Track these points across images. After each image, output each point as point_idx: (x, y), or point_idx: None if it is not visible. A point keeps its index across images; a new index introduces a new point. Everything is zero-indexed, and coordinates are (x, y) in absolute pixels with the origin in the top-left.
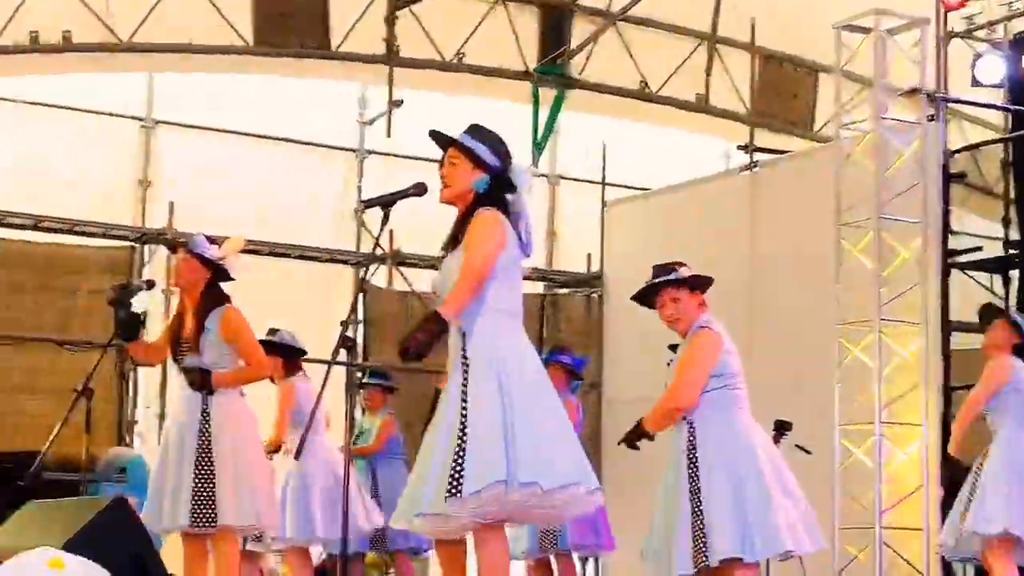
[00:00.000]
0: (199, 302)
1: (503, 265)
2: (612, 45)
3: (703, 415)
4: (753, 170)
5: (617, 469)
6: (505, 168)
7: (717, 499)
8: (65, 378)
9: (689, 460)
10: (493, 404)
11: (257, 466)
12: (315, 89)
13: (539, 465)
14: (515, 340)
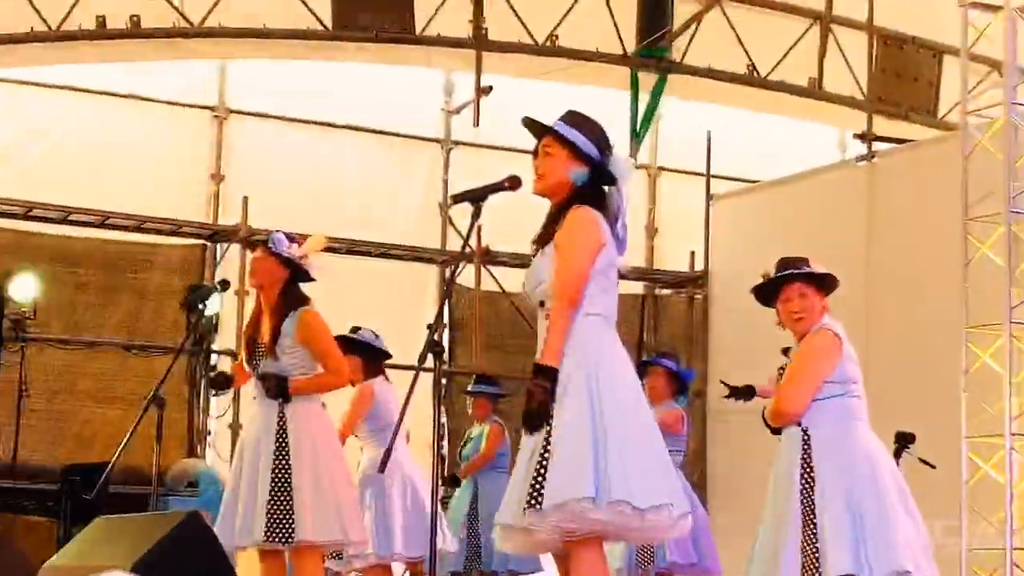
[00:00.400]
0: (276, 304)
1: (599, 268)
2: (717, 26)
3: (819, 424)
4: (871, 160)
5: (723, 483)
6: (605, 159)
7: (833, 513)
8: (133, 385)
9: (803, 472)
10: (583, 417)
11: (340, 478)
12: (397, 76)
13: (629, 483)
14: (609, 348)
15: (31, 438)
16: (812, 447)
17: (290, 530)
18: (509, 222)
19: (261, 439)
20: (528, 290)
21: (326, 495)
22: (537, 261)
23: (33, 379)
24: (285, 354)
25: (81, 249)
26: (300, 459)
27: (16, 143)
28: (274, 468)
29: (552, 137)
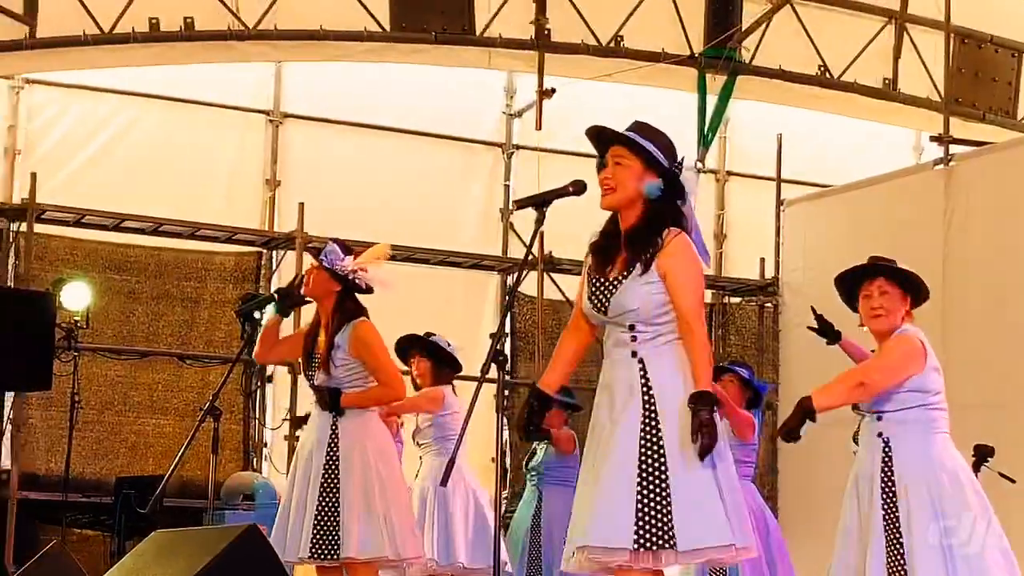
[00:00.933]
0: (331, 316)
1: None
2: (788, 25)
3: (900, 435)
4: (948, 164)
5: (795, 495)
6: (676, 172)
7: (919, 529)
8: (188, 396)
9: (884, 485)
10: (694, 456)
11: (392, 493)
12: (457, 78)
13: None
14: (671, 370)
15: (84, 451)
16: (894, 459)
17: (335, 547)
18: (572, 229)
19: (314, 451)
20: (612, 315)
21: (376, 511)
22: (633, 287)
23: (86, 390)
24: (339, 367)
25: (134, 257)
26: (350, 473)
27: (68, 148)
28: (323, 483)
29: (625, 146)
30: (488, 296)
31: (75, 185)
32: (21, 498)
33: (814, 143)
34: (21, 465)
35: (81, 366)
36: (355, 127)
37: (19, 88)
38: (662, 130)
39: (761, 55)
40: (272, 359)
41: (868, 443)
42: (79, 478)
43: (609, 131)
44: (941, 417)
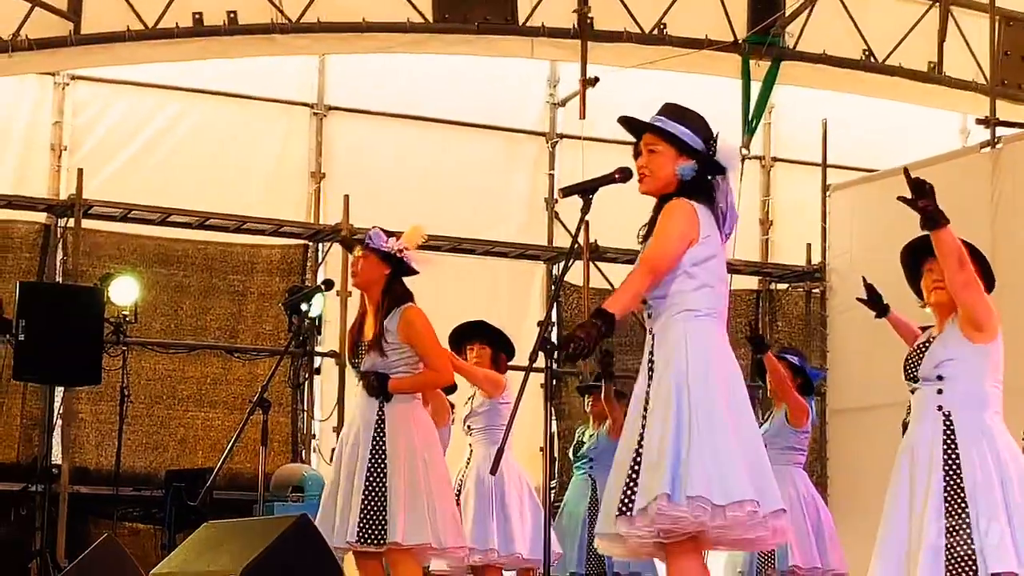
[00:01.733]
0: (380, 301)
1: (693, 261)
2: (831, 10)
3: (962, 408)
4: (995, 147)
5: (844, 482)
6: (711, 150)
7: (987, 505)
8: (236, 388)
9: (948, 458)
10: (667, 420)
11: (436, 481)
12: (500, 68)
13: (709, 479)
14: (705, 345)
15: (133, 445)
16: (956, 432)
17: (382, 532)
18: (618, 217)
19: (360, 437)
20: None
21: (420, 498)
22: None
23: (134, 384)
24: (389, 351)
25: (181, 251)
26: (396, 460)
27: (114, 144)
28: (369, 468)
29: (655, 134)
30: (534, 286)
31: (121, 180)
32: (72, 493)
33: (859, 128)
34: (72, 460)
35: (130, 360)
36: (399, 118)
37: (64, 84)
38: (693, 110)
39: (805, 40)
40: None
41: (926, 415)
42: (129, 472)
43: (637, 121)
44: (999, 397)
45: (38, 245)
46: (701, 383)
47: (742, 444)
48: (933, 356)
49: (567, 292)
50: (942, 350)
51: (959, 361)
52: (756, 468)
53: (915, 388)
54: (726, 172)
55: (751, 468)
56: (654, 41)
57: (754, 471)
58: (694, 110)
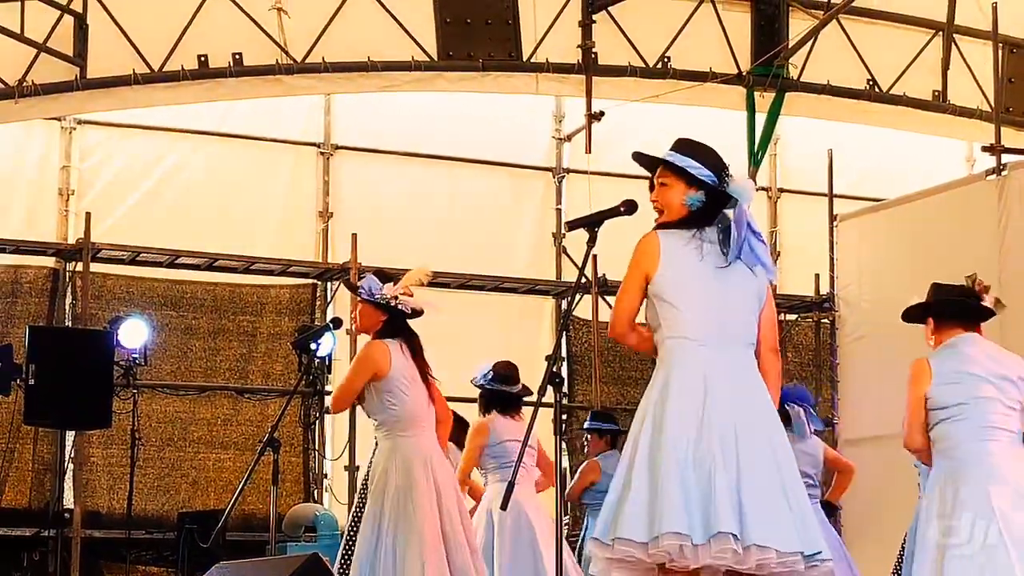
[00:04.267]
0: None
1: (656, 289)
2: (835, 40)
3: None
4: (1001, 174)
5: (856, 514)
6: (722, 182)
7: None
8: (246, 429)
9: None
10: (627, 447)
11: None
12: (506, 104)
13: (635, 518)
14: (668, 370)
15: (145, 487)
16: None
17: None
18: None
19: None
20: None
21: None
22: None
23: (145, 427)
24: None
25: (190, 293)
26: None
27: (121, 187)
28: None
29: (666, 168)
30: (543, 321)
31: (129, 224)
32: (85, 537)
33: (865, 158)
34: (84, 504)
35: (140, 403)
36: (405, 156)
37: (71, 129)
38: (705, 144)
39: (809, 71)
40: None
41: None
42: (141, 515)
43: (648, 156)
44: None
45: (47, 290)
46: (655, 410)
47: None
48: None
49: (576, 326)
50: None
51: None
52: (694, 495)
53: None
54: (739, 203)
55: (690, 496)
56: (658, 75)
57: (697, 498)
58: (706, 144)
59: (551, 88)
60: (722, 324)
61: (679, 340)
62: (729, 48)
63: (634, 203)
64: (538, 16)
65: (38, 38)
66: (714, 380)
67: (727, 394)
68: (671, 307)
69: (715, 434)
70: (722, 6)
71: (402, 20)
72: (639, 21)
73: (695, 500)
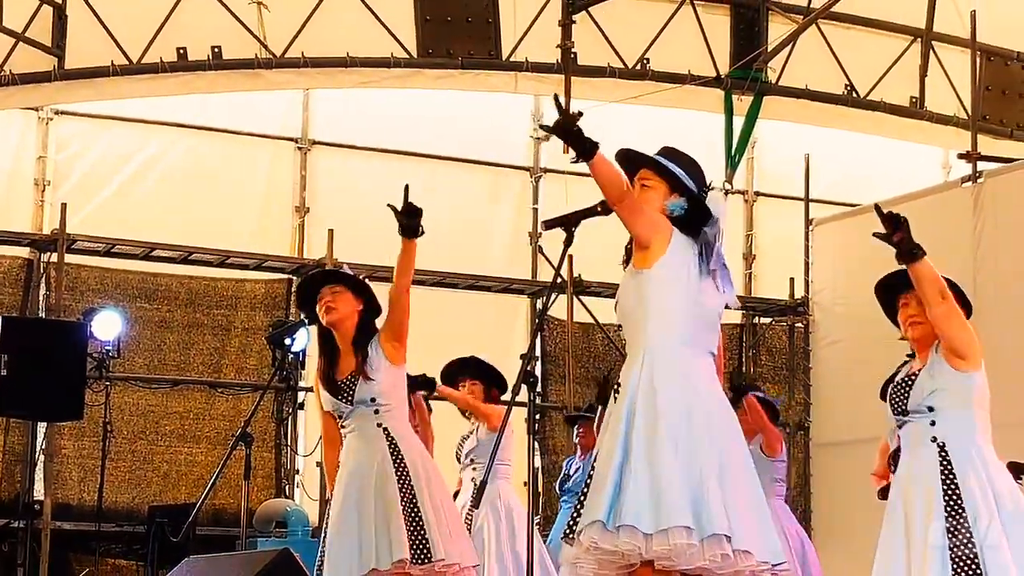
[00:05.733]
0: (355, 337)
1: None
2: (813, 45)
3: (956, 438)
4: (976, 181)
5: (828, 518)
6: (702, 193)
7: (992, 540)
8: (219, 424)
9: (947, 489)
10: (616, 439)
11: (448, 504)
12: (484, 103)
13: (638, 507)
14: (662, 369)
15: (116, 480)
16: (953, 462)
17: (428, 551)
18: (601, 250)
19: (377, 466)
20: (620, 315)
21: (443, 520)
22: (624, 282)
23: (117, 419)
24: (381, 376)
25: (164, 285)
26: (419, 484)
27: (97, 178)
28: (401, 491)
29: (651, 169)
30: (518, 320)
31: (105, 215)
32: (55, 529)
33: (842, 162)
34: (54, 495)
35: (113, 395)
36: (383, 153)
37: (48, 119)
38: (690, 155)
39: (787, 75)
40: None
41: (919, 451)
42: (112, 507)
43: (637, 154)
44: (989, 427)
45: (21, 280)
46: (649, 408)
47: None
48: (922, 388)
49: (551, 326)
50: (930, 381)
51: (947, 391)
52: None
53: (904, 422)
54: (714, 219)
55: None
56: (637, 76)
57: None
58: (690, 156)
59: (530, 87)
60: (699, 331)
61: (665, 337)
62: (708, 51)
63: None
64: (518, 15)
65: (17, 28)
66: (696, 382)
67: (707, 398)
68: (666, 300)
69: (703, 436)
70: (701, 9)
71: (382, 17)
72: (618, 22)
73: (691, 499)
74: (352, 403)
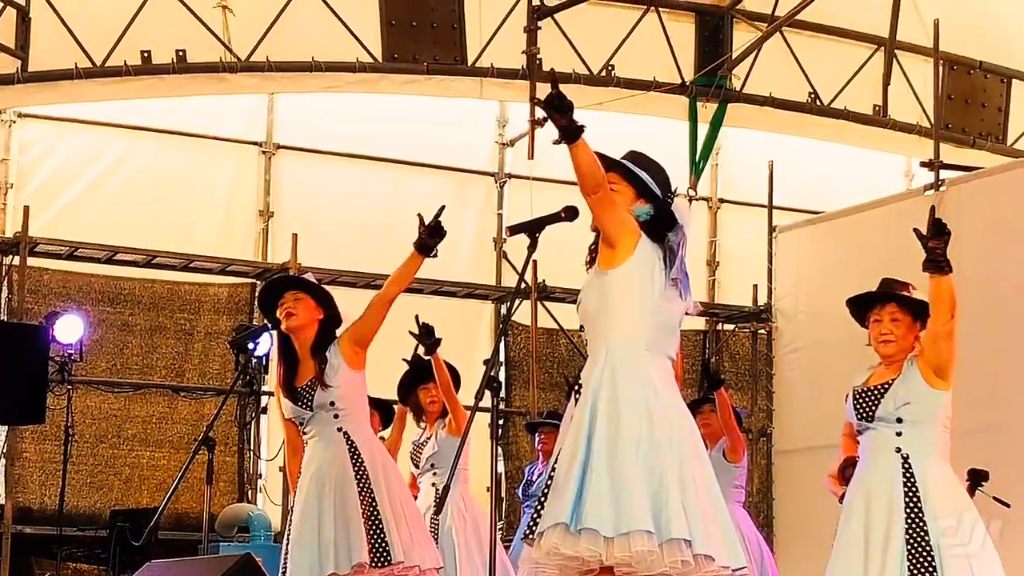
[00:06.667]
0: (314, 345)
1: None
2: (778, 53)
3: (920, 454)
4: (939, 189)
5: (790, 525)
6: (667, 200)
7: (955, 554)
8: (182, 428)
9: (909, 502)
10: (579, 441)
11: (410, 507)
12: (450, 108)
13: (600, 511)
14: (625, 374)
15: (78, 484)
16: (916, 475)
17: (387, 554)
18: (565, 256)
19: (338, 469)
20: (582, 316)
21: (403, 523)
22: (588, 281)
23: (79, 423)
24: (340, 382)
25: (127, 289)
26: (379, 488)
27: (60, 181)
28: (361, 497)
29: (618, 173)
30: (482, 325)
31: (68, 218)
32: (15, 533)
33: (805, 170)
34: (15, 499)
35: (75, 399)
36: (348, 158)
37: (11, 122)
38: (656, 161)
39: (751, 83)
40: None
41: (882, 462)
42: (73, 512)
43: (603, 156)
44: (948, 441)
45: None
46: (611, 410)
47: (652, 474)
48: (895, 398)
49: (515, 331)
50: (904, 393)
51: (919, 405)
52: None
53: (868, 427)
54: (679, 226)
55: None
56: (602, 83)
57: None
58: (656, 161)
59: (495, 93)
60: (660, 335)
61: (628, 339)
62: (673, 58)
63: (575, 209)
64: (483, 21)
65: None
66: (658, 386)
67: (668, 402)
68: (630, 302)
69: (664, 439)
70: (666, 16)
71: (347, 21)
72: (584, 29)
73: (652, 503)
74: (312, 409)
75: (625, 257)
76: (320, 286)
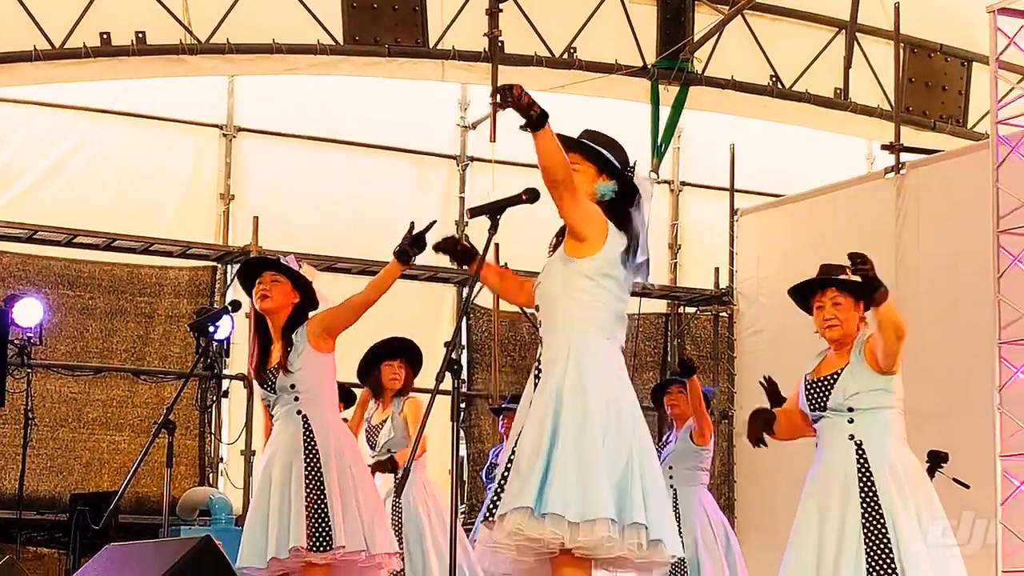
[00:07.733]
0: (286, 326)
1: (593, 269)
2: (739, 36)
3: (872, 437)
4: (899, 172)
5: (751, 507)
6: (628, 175)
7: (907, 534)
8: (143, 411)
9: (864, 485)
10: (544, 425)
11: (368, 492)
12: (411, 91)
13: (566, 497)
14: (590, 361)
15: (38, 468)
16: (869, 460)
17: (328, 539)
18: (527, 238)
19: (291, 454)
20: (538, 298)
21: (353, 508)
22: (550, 263)
23: (39, 407)
24: (304, 365)
25: (87, 272)
26: (330, 472)
27: (19, 164)
28: (307, 480)
29: (579, 153)
30: (444, 309)
31: (27, 201)
32: None
33: (767, 153)
34: None
35: (34, 383)
36: (309, 140)
37: None
38: (613, 137)
39: (713, 66)
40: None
41: (836, 446)
42: (33, 495)
43: (565, 137)
44: (903, 423)
45: None
46: (578, 400)
47: (617, 461)
48: (843, 389)
49: (476, 314)
50: (852, 383)
51: (868, 393)
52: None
53: (822, 416)
54: (640, 198)
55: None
56: (564, 65)
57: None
58: (614, 138)
59: (457, 76)
60: (616, 325)
61: (592, 331)
62: (635, 41)
63: (536, 191)
64: (445, 3)
65: None
66: (621, 374)
67: (628, 390)
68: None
69: (628, 426)
70: None
71: (308, 3)
72: (546, 11)
73: (616, 491)
74: (275, 391)
75: (594, 251)
76: (300, 273)
